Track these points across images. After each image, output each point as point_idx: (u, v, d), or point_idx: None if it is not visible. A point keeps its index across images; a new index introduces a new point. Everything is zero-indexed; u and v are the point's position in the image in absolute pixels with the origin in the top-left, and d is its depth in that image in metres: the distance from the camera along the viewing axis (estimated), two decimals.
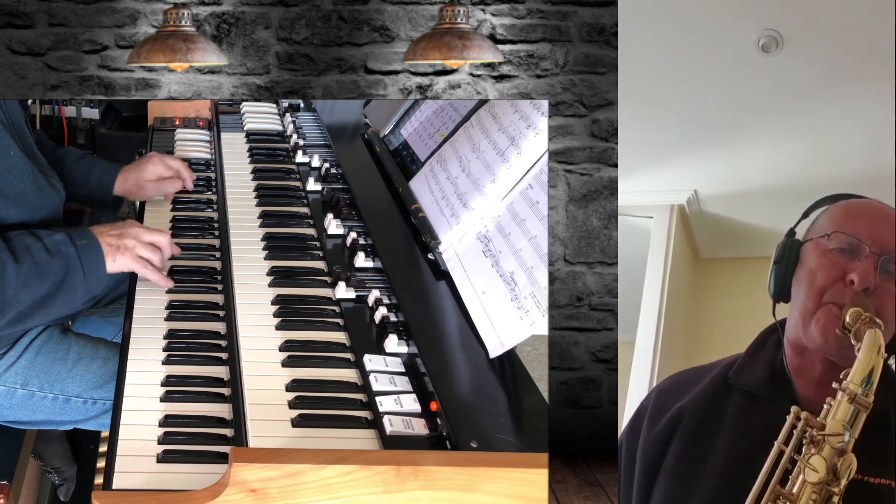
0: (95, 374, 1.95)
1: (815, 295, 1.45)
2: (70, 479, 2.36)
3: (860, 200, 1.54)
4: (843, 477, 1.30)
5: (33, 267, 1.73)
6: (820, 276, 1.46)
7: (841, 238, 1.46)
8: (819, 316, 1.43)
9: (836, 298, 1.43)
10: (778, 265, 1.52)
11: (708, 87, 3.21)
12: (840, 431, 1.31)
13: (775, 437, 1.35)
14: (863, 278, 1.41)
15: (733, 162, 3.67)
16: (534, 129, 1.78)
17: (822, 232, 1.48)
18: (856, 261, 1.43)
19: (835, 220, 1.50)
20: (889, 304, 1.43)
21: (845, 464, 1.30)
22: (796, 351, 1.49)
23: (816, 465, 1.30)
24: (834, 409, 1.33)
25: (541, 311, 1.54)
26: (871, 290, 1.42)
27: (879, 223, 1.47)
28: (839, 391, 1.34)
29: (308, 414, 1.48)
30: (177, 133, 2.70)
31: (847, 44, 2.87)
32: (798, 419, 1.34)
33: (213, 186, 2.38)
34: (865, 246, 1.43)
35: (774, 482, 1.31)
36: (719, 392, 1.51)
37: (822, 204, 1.56)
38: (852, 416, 1.32)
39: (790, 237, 1.53)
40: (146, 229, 1.90)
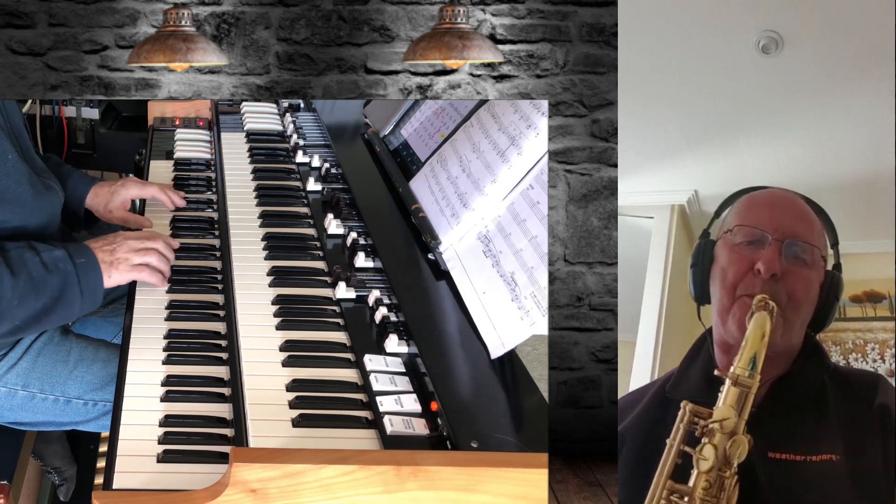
0: (96, 376, 1.95)
1: (729, 290, 1.48)
2: (70, 479, 2.36)
3: (761, 191, 1.56)
4: (733, 459, 1.33)
5: (30, 282, 1.73)
6: (730, 271, 1.48)
7: (745, 230, 1.48)
8: (734, 310, 1.46)
9: (747, 290, 1.45)
10: (694, 268, 1.55)
11: (708, 88, 3.21)
12: (727, 416, 1.34)
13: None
14: (768, 266, 1.43)
15: (733, 162, 3.67)
16: (534, 129, 1.78)
17: (727, 228, 1.51)
18: (761, 250, 1.46)
19: (738, 214, 1.52)
20: (800, 285, 1.46)
21: (734, 446, 1.33)
22: (724, 350, 1.51)
23: (706, 453, 1.33)
24: (723, 395, 1.36)
25: (541, 311, 1.54)
26: (779, 276, 1.44)
27: (780, 210, 1.49)
28: (725, 378, 1.37)
29: (308, 414, 1.48)
30: (177, 133, 2.70)
31: (847, 44, 2.87)
32: (686, 413, 1.37)
33: (213, 186, 2.38)
34: (768, 234, 1.46)
35: (665, 478, 1.34)
36: (658, 408, 1.53)
37: (730, 201, 1.58)
38: (740, 398, 1.35)
39: (704, 238, 1.56)
40: (137, 238, 1.90)
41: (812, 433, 1.42)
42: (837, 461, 1.40)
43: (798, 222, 1.49)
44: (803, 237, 1.47)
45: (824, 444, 1.41)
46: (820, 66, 3.00)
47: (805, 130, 3.37)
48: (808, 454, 1.40)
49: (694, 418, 1.37)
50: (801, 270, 1.46)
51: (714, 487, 1.32)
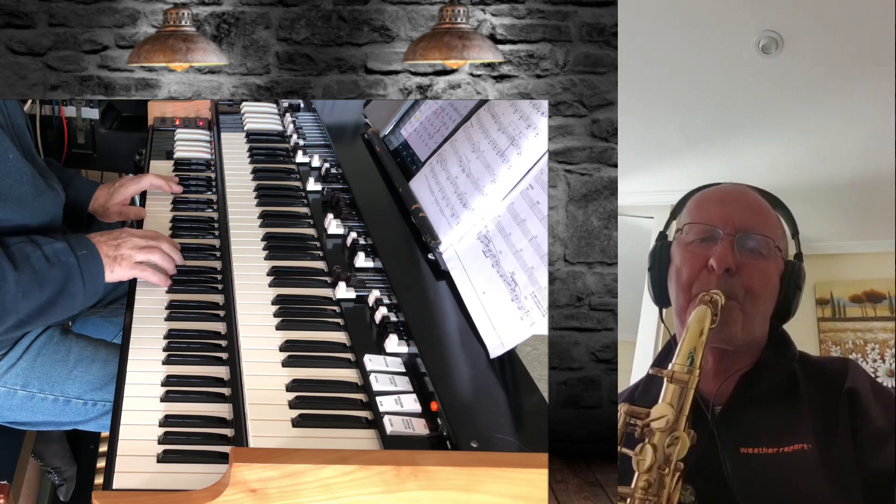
0: (95, 376, 1.95)
1: (685, 289, 1.47)
2: (70, 479, 2.36)
3: (711, 188, 1.55)
4: (672, 457, 1.32)
5: (32, 275, 1.73)
6: (685, 269, 1.47)
7: (696, 228, 1.48)
8: (691, 309, 1.44)
9: (703, 288, 1.44)
10: (651, 271, 1.54)
11: (708, 88, 3.21)
12: (664, 413, 1.33)
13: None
14: (720, 261, 1.42)
15: (733, 162, 3.67)
16: (534, 129, 1.78)
17: (678, 227, 1.50)
18: (713, 246, 1.44)
19: (689, 213, 1.52)
20: (757, 277, 1.44)
21: (674, 444, 1.32)
22: None
23: (644, 454, 1.32)
24: (661, 393, 1.36)
25: (541, 311, 1.54)
26: (734, 270, 1.43)
27: (731, 204, 1.48)
28: (662, 376, 1.36)
29: (308, 414, 1.48)
30: (177, 133, 2.70)
31: (847, 44, 2.87)
32: (622, 415, 1.37)
33: (213, 186, 2.38)
34: (718, 229, 1.45)
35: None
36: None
37: (683, 202, 1.57)
38: (678, 394, 1.34)
39: (661, 240, 1.55)
40: (142, 235, 1.90)
41: (783, 424, 1.42)
42: (809, 450, 1.39)
43: (750, 215, 1.47)
44: (756, 229, 1.46)
45: (796, 434, 1.41)
46: (820, 66, 3.00)
47: (805, 130, 3.37)
48: (779, 446, 1.40)
49: (630, 419, 1.36)
50: (756, 263, 1.45)
51: (654, 486, 1.31)
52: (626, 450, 1.35)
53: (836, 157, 3.48)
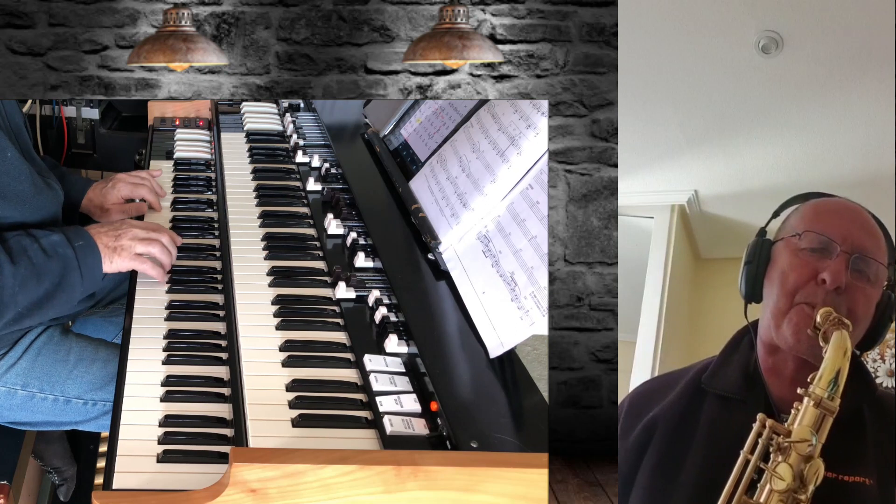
0: (95, 376, 1.95)
1: (788, 295, 1.44)
2: (70, 479, 2.36)
3: (830, 199, 1.53)
4: (809, 483, 1.29)
5: (30, 268, 1.73)
6: (792, 275, 1.45)
7: (812, 237, 1.45)
8: (791, 316, 1.42)
9: (807, 298, 1.42)
10: (749, 265, 1.51)
11: (708, 88, 3.21)
12: (806, 437, 1.29)
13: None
14: (834, 277, 1.40)
15: (733, 162, 3.67)
16: (534, 129, 1.78)
17: (792, 231, 1.47)
18: (827, 260, 1.42)
19: (805, 220, 1.49)
20: (860, 302, 1.42)
21: (812, 469, 1.29)
22: (769, 351, 1.48)
23: (783, 472, 1.29)
24: (801, 414, 1.32)
25: (541, 311, 1.54)
26: (842, 289, 1.41)
27: (850, 222, 1.46)
28: (805, 396, 1.33)
29: (308, 414, 1.48)
30: (177, 133, 2.70)
31: (847, 44, 2.87)
32: (764, 427, 1.32)
33: (213, 186, 2.38)
34: (836, 245, 1.42)
35: (741, 493, 1.30)
36: (693, 398, 1.50)
37: (791, 203, 1.55)
38: (818, 420, 1.31)
39: (761, 237, 1.52)
40: (143, 227, 1.90)
41: (847, 453, 1.38)
42: (870, 485, 1.37)
43: (866, 237, 1.45)
44: (870, 253, 1.44)
45: (859, 467, 1.38)
46: (820, 66, 3.00)
47: (805, 130, 3.38)
48: (841, 473, 1.37)
49: (771, 434, 1.32)
50: (864, 287, 1.43)
51: None
52: (763, 464, 1.30)
53: (836, 157, 3.48)
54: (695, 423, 1.46)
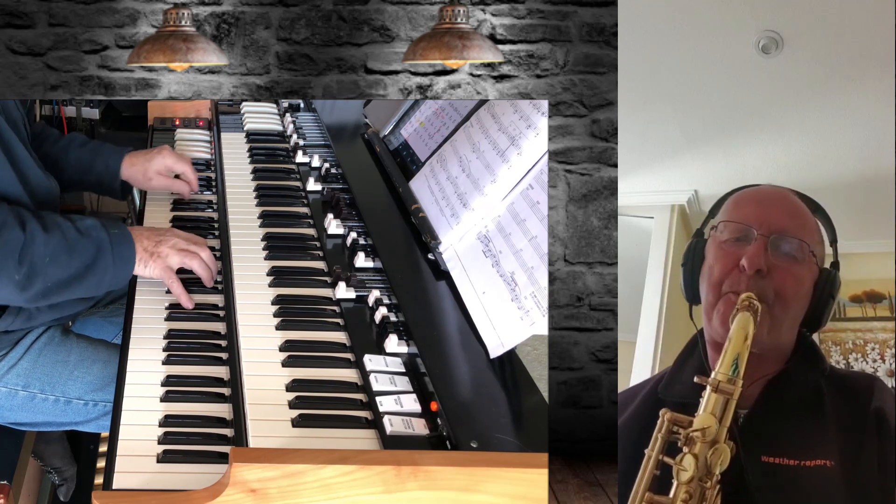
0: (96, 377, 1.95)
1: (714, 287, 1.45)
2: (70, 479, 2.36)
3: (750, 188, 1.54)
4: (714, 468, 1.29)
5: (63, 242, 1.73)
6: (716, 267, 1.46)
7: (731, 227, 1.46)
8: (719, 307, 1.43)
9: (733, 287, 1.42)
10: (685, 267, 1.53)
11: (708, 88, 3.21)
12: (709, 423, 1.30)
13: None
14: (751, 261, 1.40)
15: (733, 162, 3.67)
16: (534, 129, 1.78)
17: (714, 225, 1.49)
18: (747, 246, 1.43)
19: (726, 211, 1.50)
20: (788, 281, 1.42)
21: (716, 455, 1.29)
22: (714, 349, 1.48)
23: (686, 464, 1.29)
24: (703, 402, 1.33)
25: (541, 311, 1.54)
26: (765, 272, 1.41)
27: (768, 205, 1.46)
28: (706, 385, 1.33)
29: (308, 414, 1.48)
30: (177, 133, 2.70)
31: (847, 44, 2.88)
32: (665, 422, 1.33)
33: (213, 186, 2.38)
34: (753, 229, 1.43)
35: (643, 490, 1.30)
36: (652, 409, 1.48)
37: (723, 201, 1.55)
38: (722, 405, 1.31)
39: (697, 238, 1.53)
40: (186, 238, 1.89)
41: (807, 437, 1.39)
42: (832, 467, 1.36)
43: (786, 217, 1.45)
44: (791, 232, 1.44)
45: (819, 449, 1.38)
46: (820, 66, 3.00)
47: (805, 130, 3.38)
48: (802, 459, 1.37)
49: (673, 427, 1.33)
50: (789, 266, 1.43)
51: (694, 498, 1.28)
52: (668, 459, 1.31)
53: (836, 157, 3.48)
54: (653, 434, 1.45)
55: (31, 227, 1.71)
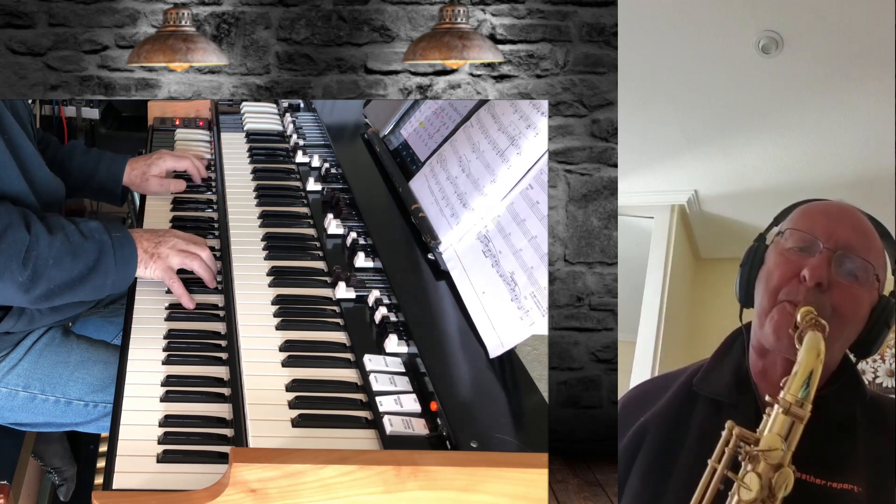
0: (97, 378, 1.95)
1: (771, 293, 1.42)
2: (70, 479, 2.36)
3: (821, 202, 1.51)
4: (778, 492, 1.25)
5: (67, 245, 1.74)
6: (775, 274, 1.43)
7: (796, 235, 1.43)
8: (773, 314, 1.40)
9: (790, 296, 1.39)
10: (742, 268, 1.50)
11: (708, 88, 3.21)
12: (775, 446, 1.26)
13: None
14: (813, 273, 1.37)
15: (733, 162, 3.67)
16: (534, 129, 1.78)
17: (779, 231, 1.46)
18: (810, 257, 1.40)
19: (792, 220, 1.47)
20: (847, 301, 1.39)
21: (781, 479, 1.25)
22: (759, 354, 1.46)
23: (750, 482, 1.25)
24: (770, 421, 1.29)
25: (541, 311, 1.54)
26: (825, 287, 1.38)
27: (836, 220, 1.44)
28: (775, 404, 1.29)
29: (308, 414, 1.48)
30: (177, 133, 2.70)
31: (847, 44, 2.88)
32: (732, 436, 1.29)
33: (213, 186, 2.38)
34: (819, 242, 1.40)
35: (707, 502, 1.27)
36: (684, 401, 1.48)
37: (790, 210, 1.53)
38: (788, 427, 1.28)
39: (759, 242, 1.51)
40: (185, 239, 1.90)
41: (836, 459, 1.36)
42: (858, 493, 1.34)
43: (854, 235, 1.42)
44: (858, 252, 1.40)
45: (847, 473, 1.35)
46: (820, 66, 3.00)
47: (805, 130, 3.38)
48: (828, 479, 1.34)
49: (739, 442, 1.29)
50: (850, 286, 1.39)
51: None
52: (732, 474, 1.27)
53: (836, 157, 3.48)
54: (686, 426, 1.44)
55: (36, 228, 1.72)
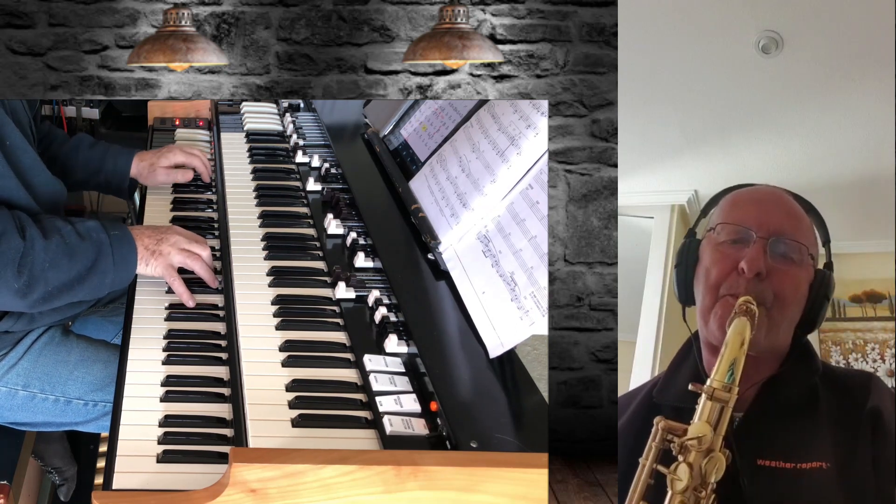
0: (96, 377, 1.95)
1: (711, 289, 1.44)
2: (70, 479, 2.36)
3: (746, 188, 1.52)
4: (709, 478, 1.27)
5: (63, 246, 1.73)
6: (713, 270, 1.44)
7: (729, 228, 1.44)
8: (716, 309, 1.41)
9: (731, 289, 1.41)
10: (678, 268, 1.51)
11: (708, 88, 3.21)
12: (703, 432, 1.28)
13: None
14: (751, 264, 1.39)
15: (733, 162, 3.67)
16: (534, 129, 1.78)
17: (710, 226, 1.47)
18: (745, 249, 1.41)
19: (722, 212, 1.48)
20: (787, 284, 1.41)
21: (711, 464, 1.28)
22: (710, 351, 1.47)
23: (681, 473, 1.27)
24: (698, 410, 1.31)
25: (541, 311, 1.54)
26: (764, 275, 1.40)
27: (766, 207, 1.45)
28: (701, 393, 1.31)
29: (308, 414, 1.48)
30: (177, 133, 2.70)
31: (847, 44, 2.87)
32: (659, 430, 1.31)
33: (213, 186, 2.38)
34: (752, 232, 1.41)
35: (637, 499, 1.29)
36: (647, 413, 1.48)
37: (716, 200, 1.53)
38: (717, 412, 1.30)
39: (690, 238, 1.51)
40: (187, 237, 1.89)
41: (803, 439, 1.38)
42: (827, 468, 1.36)
43: (784, 219, 1.44)
44: (790, 234, 1.43)
45: (815, 451, 1.37)
46: (820, 66, 3.00)
47: (805, 130, 3.37)
48: (797, 461, 1.36)
49: (668, 435, 1.31)
50: (788, 269, 1.42)
51: None
52: (662, 468, 1.30)
53: (836, 157, 3.48)
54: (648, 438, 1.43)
55: (31, 233, 1.71)
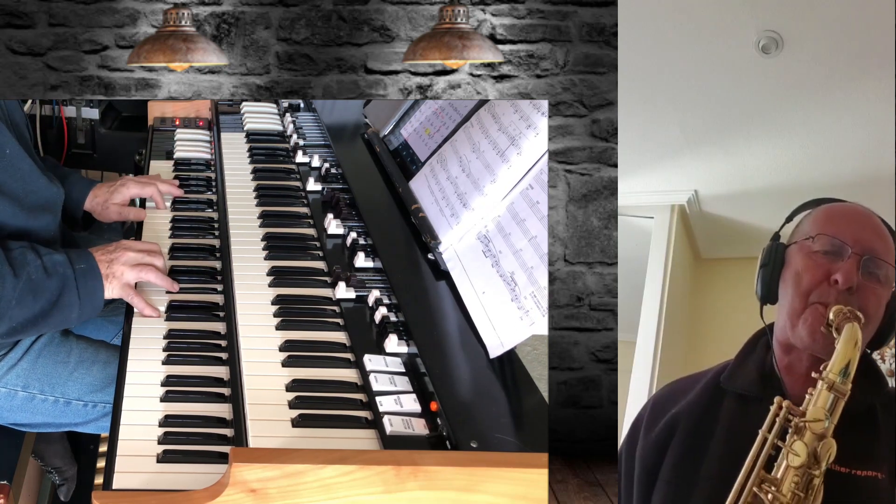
0: (96, 378, 1.95)
1: (802, 296, 1.50)
2: (70, 479, 2.36)
3: (842, 204, 1.60)
4: (822, 460, 1.36)
5: (29, 283, 1.73)
6: (806, 277, 1.51)
7: (825, 240, 1.51)
8: (806, 316, 1.48)
9: (821, 298, 1.48)
10: (764, 268, 1.57)
11: (708, 88, 3.21)
12: (820, 417, 1.37)
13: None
14: (846, 278, 1.46)
15: (733, 162, 3.67)
16: (534, 129, 1.78)
17: (806, 235, 1.54)
18: (839, 261, 1.49)
19: (818, 223, 1.55)
20: (871, 301, 1.49)
21: (825, 448, 1.36)
22: (785, 350, 1.53)
23: (798, 450, 1.36)
24: (815, 397, 1.39)
25: (541, 311, 1.54)
26: (854, 290, 1.47)
27: (861, 225, 1.53)
28: (819, 381, 1.40)
29: (308, 414, 1.48)
30: (177, 133, 2.70)
31: (847, 44, 2.87)
32: (781, 408, 1.40)
33: (213, 186, 2.38)
34: (848, 247, 1.49)
35: (759, 467, 1.37)
36: (712, 397, 1.56)
37: (805, 208, 1.61)
38: (832, 403, 1.39)
39: (775, 241, 1.59)
40: (137, 250, 1.87)
41: (859, 449, 1.44)
42: (882, 479, 1.42)
43: (877, 239, 1.52)
44: (881, 254, 1.51)
45: (870, 461, 1.44)
46: (820, 66, 3.00)
47: (805, 130, 3.37)
48: (853, 468, 1.43)
49: (787, 414, 1.40)
50: (874, 287, 1.49)
51: (802, 485, 1.35)
52: (780, 442, 1.38)
53: (836, 157, 3.48)
54: (714, 420, 1.51)
55: (3, 270, 1.71)
